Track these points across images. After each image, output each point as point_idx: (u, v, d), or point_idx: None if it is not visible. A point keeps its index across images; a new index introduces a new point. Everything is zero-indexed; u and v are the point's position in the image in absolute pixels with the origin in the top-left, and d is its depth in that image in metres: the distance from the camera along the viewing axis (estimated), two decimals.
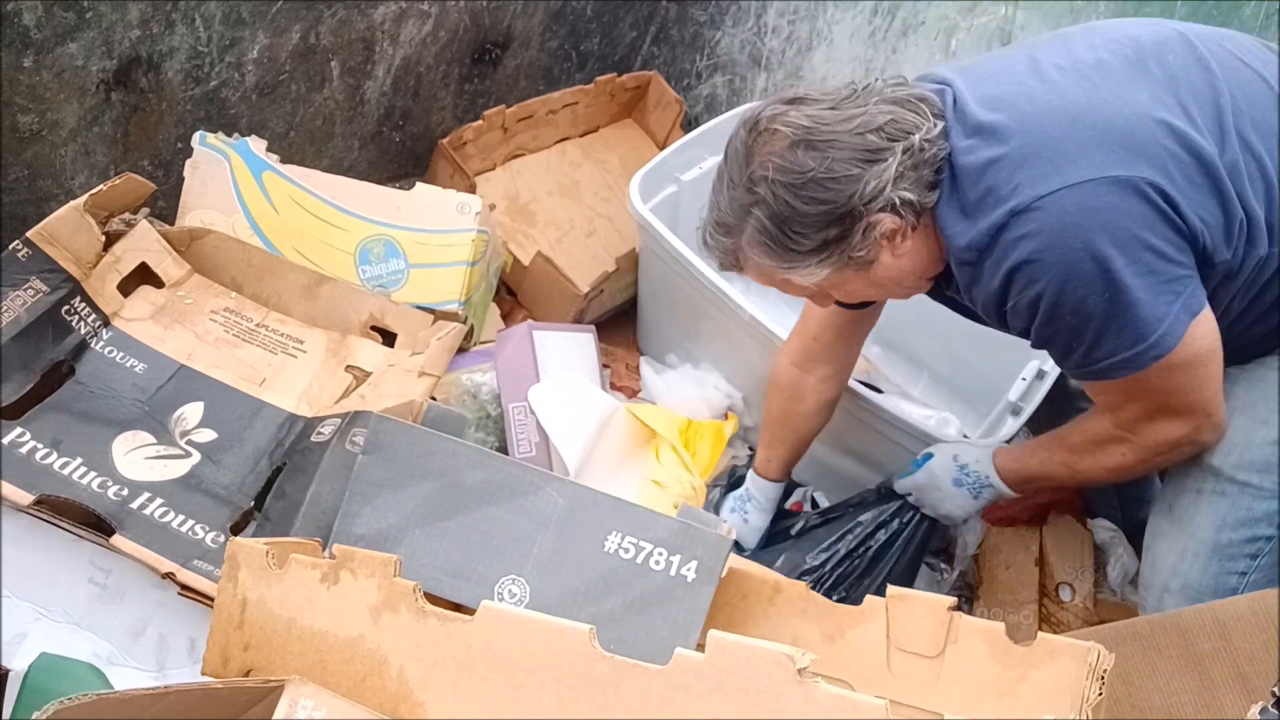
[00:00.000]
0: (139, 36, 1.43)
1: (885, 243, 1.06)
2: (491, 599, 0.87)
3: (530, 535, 0.91)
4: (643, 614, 0.86)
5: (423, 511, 0.94)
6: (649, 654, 0.70)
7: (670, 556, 0.88)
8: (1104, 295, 0.98)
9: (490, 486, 0.93)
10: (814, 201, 1.02)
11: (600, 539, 0.90)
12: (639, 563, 0.88)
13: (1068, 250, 0.98)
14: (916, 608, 0.89)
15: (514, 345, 1.50)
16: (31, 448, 1.09)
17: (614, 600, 0.87)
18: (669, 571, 0.87)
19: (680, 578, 0.87)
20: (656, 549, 0.88)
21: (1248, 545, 1.11)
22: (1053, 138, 0.99)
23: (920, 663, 0.88)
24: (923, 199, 1.03)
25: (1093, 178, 0.97)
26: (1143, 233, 0.97)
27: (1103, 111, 1.00)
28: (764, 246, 1.08)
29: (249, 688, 0.75)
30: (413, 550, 0.92)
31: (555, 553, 0.90)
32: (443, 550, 0.92)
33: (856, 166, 1.01)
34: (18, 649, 1.01)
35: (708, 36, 2.25)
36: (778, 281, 1.14)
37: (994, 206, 1.00)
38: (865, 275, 1.10)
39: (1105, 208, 0.97)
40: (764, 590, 0.96)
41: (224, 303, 1.35)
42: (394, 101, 1.83)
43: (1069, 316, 1.01)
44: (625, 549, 0.89)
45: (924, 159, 1.02)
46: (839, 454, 1.59)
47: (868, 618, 0.91)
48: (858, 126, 1.01)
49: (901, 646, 0.89)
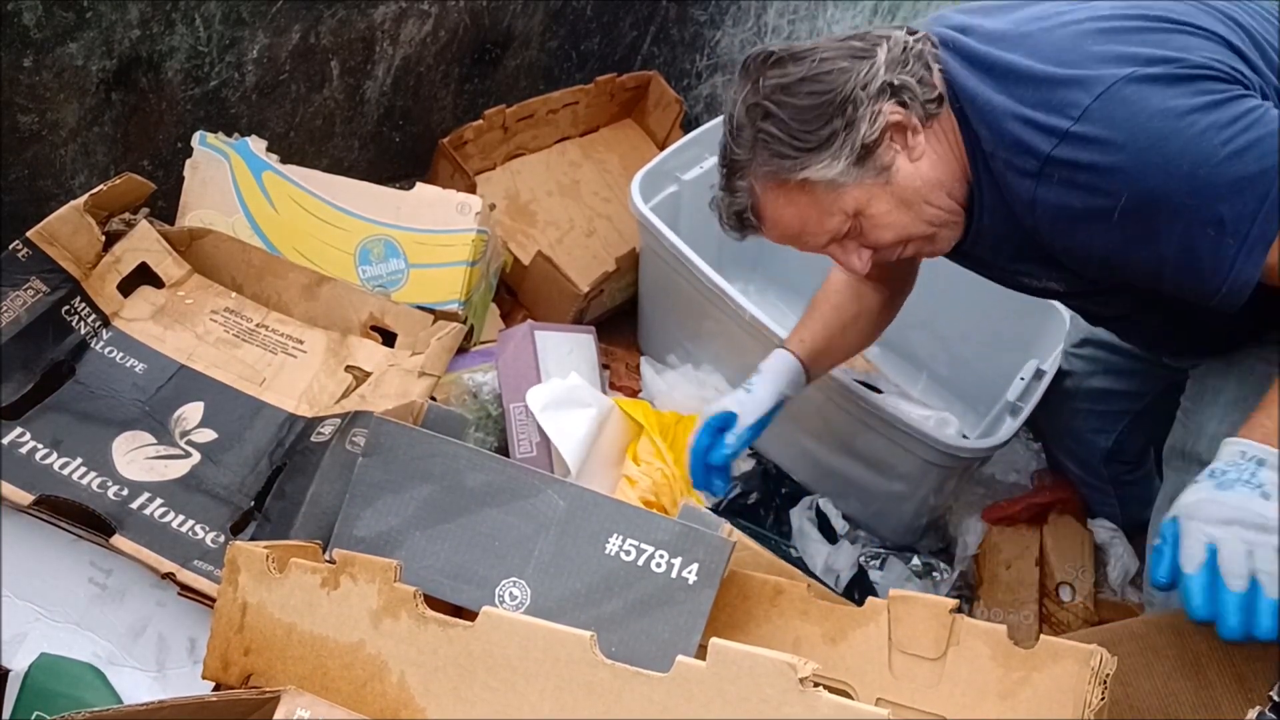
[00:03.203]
0: (139, 36, 1.43)
1: (897, 141, 1.04)
2: (492, 601, 0.88)
3: (531, 538, 0.91)
4: (643, 616, 0.86)
5: (423, 514, 0.94)
6: (649, 656, 0.70)
7: (672, 559, 0.87)
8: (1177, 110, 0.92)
9: (491, 489, 0.93)
10: (811, 95, 1.03)
11: (601, 541, 0.89)
12: (640, 565, 0.88)
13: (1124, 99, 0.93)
14: (918, 609, 0.89)
15: (515, 345, 1.50)
16: (31, 448, 1.09)
17: (615, 603, 0.87)
18: (670, 574, 0.87)
19: (681, 580, 0.87)
20: (658, 551, 0.88)
21: None
22: (1078, 32, 0.99)
23: (922, 665, 0.88)
24: (924, 93, 1.03)
25: (1134, 54, 0.95)
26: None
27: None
28: (775, 157, 1.06)
29: (244, 699, 0.75)
30: (413, 553, 0.92)
31: (556, 555, 0.90)
32: (443, 553, 0.92)
33: (844, 61, 1.03)
34: (18, 649, 1.01)
35: (708, 36, 2.25)
36: (799, 221, 1.10)
37: (1041, 78, 0.97)
38: (889, 191, 1.06)
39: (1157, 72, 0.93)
40: (765, 591, 0.96)
41: (224, 303, 1.35)
42: (394, 101, 1.83)
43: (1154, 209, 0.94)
44: (626, 551, 0.89)
45: (912, 53, 1.04)
46: (839, 455, 1.59)
47: (869, 619, 0.91)
48: (835, 39, 1.06)
49: (903, 648, 0.89)
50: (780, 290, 2.06)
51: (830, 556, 1.58)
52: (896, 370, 1.93)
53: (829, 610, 0.94)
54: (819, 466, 1.63)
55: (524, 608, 0.88)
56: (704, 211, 1.89)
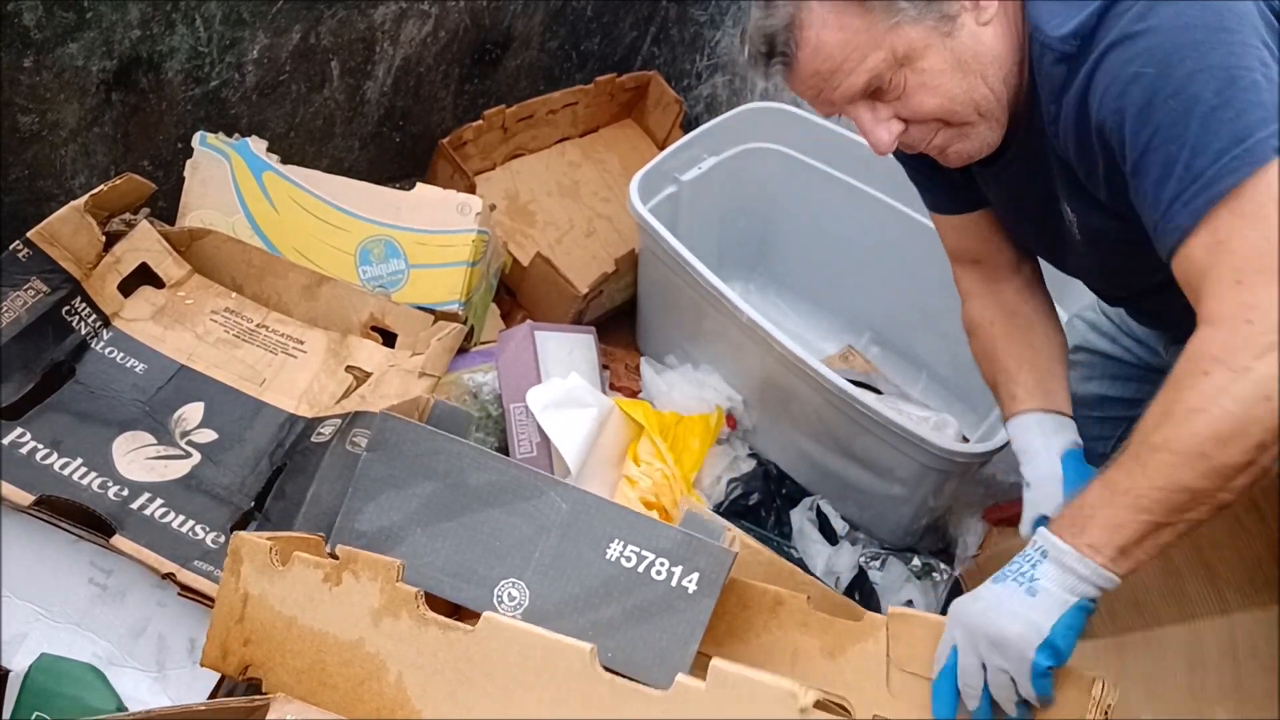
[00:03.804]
0: (139, 37, 1.43)
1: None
2: (491, 601, 0.88)
3: (532, 539, 0.91)
4: (642, 623, 0.85)
5: (425, 511, 0.94)
6: (646, 664, 0.70)
7: (673, 567, 0.87)
8: (1217, 72, 0.82)
9: (494, 489, 0.93)
10: None
11: (602, 546, 0.89)
12: (640, 572, 0.88)
13: (1180, 15, 0.84)
14: (916, 628, 0.89)
15: (515, 345, 1.50)
16: (31, 448, 1.09)
17: (613, 608, 0.86)
18: (670, 582, 0.87)
19: (681, 589, 0.86)
20: (659, 559, 0.88)
21: None
22: None
23: (920, 683, 0.88)
24: None
25: None
26: (1261, 28, 0.84)
27: None
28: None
29: (233, 707, 0.76)
30: (414, 549, 0.92)
31: (557, 558, 0.90)
32: (444, 551, 0.92)
33: None
34: (18, 649, 1.01)
35: (708, 36, 2.25)
36: (842, 50, 0.97)
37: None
38: (947, 47, 0.97)
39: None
40: (765, 602, 0.96)
41: (224, 303, 1.35)
42: (394, 101, 1.83)
43: (1171, 101, 0.84)
44: (627, 557, 0.88)
45: None
46: (838, 457, 1.59)
47: (868, 635, 0.91)
48: None
49: (902, 666, 0.89)
50: (779, 290, 2.06)
51: (831, 558, 1.58)
52: (897, 370, 1.93)
53: (828, 624, 0.93)
54: (817, 468, 1.63)
55: (523, 609, 0.89)
56: (703, 212, 1.90)
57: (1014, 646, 0.82)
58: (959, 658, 0.85)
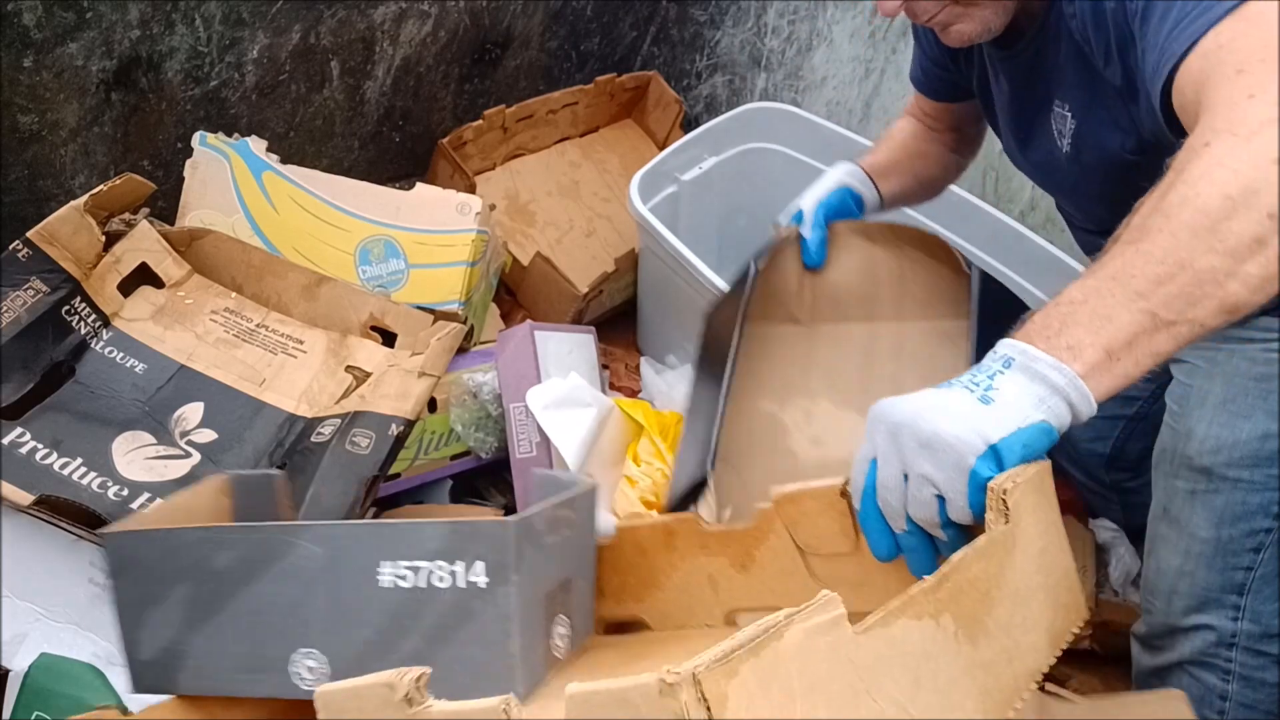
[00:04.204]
0: (139, 36, 1.43)
1: None
2: (291, 681, 0.78)
3: (302, 600, 0.78)
4: (447, 644, 0.74)
5: (191, 615, 0.82)
6: (470, 686, 0.60)
7: (451, 567, 0.74)
8: None
9: (242, 563, 0.81)
10: None
11: (373, 575, 0.76)
12: (422, 587, 0.75)
13: None
14: (808, 505, 0.79)
15: (515, 345, 1.50)
16: (31, 448, 1.09)
17: (412, 639, 0.75)
18: (456, 584, 0.74)
19: (471, 587, 0.73)
20: (433, 564, 0.75)
21: (1249, 539, 1.11)
22: None
23: (839, 561, 0.80)
24: None
25: None
26: None
27: None
28: None
29: None
30: (200, 660, 0.81)
31: (334, 609, 0.78)
32: (227, 647, 0.81)
33: None
34: (18, 649, 1.01)
35: (708, 36, 2.25)
36: None
37: None
38: None
39: None
40: (657, 538, 0.90)
41: (224, 303, 1.35)
42: (394, 101, 1.83)
43: None
44: (401, 577, 0.76)
45: None
46: None
47: (767, 533, 0.83)
48: None
49: (815, 550, 0.81)
50: None
51: None
52: None
53: (727, 537, 0.87)
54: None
55: (326, 676, 0.77)
56: (703, 212, 1.90)
57: (951, 450, 0.65)
58: (878, 469, 0.69)
